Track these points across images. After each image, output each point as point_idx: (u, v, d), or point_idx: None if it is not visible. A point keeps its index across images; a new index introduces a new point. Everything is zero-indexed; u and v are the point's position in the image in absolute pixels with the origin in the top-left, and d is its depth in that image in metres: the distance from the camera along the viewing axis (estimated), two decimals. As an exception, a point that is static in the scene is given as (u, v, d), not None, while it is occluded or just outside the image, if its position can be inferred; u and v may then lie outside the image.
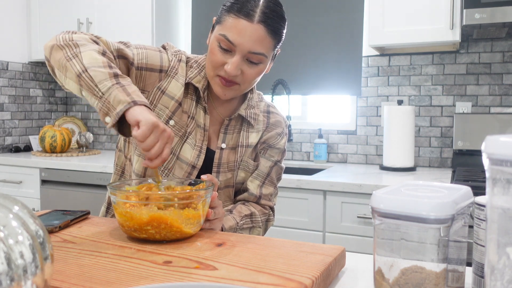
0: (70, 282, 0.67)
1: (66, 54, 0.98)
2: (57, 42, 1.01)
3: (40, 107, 3.38)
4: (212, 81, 1.11)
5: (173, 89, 1.13)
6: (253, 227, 1.21)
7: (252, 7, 1.02)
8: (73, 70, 0.96)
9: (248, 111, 1.21)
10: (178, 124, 1.15)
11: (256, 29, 1.03)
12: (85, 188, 2.57)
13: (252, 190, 1.23)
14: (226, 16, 1.05)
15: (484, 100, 2.44)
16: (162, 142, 0.90)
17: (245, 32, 1.02)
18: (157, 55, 1.14)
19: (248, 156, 1.22)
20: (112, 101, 0.91)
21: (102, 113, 0.93)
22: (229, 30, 1.03)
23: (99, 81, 0.93)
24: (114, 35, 2.87)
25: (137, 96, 0.93)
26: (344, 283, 0.78)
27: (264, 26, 1.03)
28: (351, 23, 2.65)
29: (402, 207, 0.60)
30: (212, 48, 1.07)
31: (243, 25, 1.02)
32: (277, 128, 1.26)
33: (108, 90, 0.92)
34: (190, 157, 1.15)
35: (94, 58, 0.97)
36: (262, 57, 1.07)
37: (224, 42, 1.04)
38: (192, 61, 1.18)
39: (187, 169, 1.15)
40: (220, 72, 1.07)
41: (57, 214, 1.04)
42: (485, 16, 2.00)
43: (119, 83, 0.94)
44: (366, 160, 2.70)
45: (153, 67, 1.12)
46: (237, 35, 1.03)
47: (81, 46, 0.99)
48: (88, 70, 0.95)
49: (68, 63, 0.97)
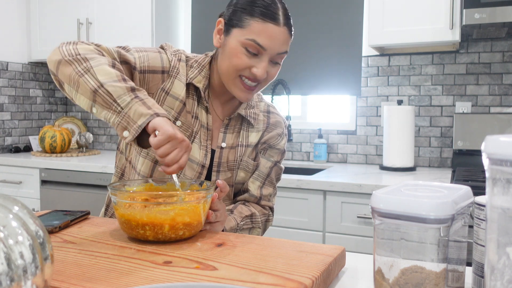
0: (70, 282, 0.67)
1: (77, 70, 0.98)
2: (63, 57, 1.00)
3: (40, 107, 3.38)
4: (232, 84, 1.11)
5: (176, 89, 1.13)
6: (253, 228, 1.21)
7: (276, 10, 1.05)
8: (87, 86, 0.96)
9: (248, 111, 1.21)
10: (185, 124, 1.15)
11: (282, 32, 1.07)
12: (85, 188, 2.57)
13: (252, 191, 1.23)
14: (250, 20, 1.05)
15: (484, 100, 2.44)
16: (180, 150, 0.92)
17: (275, 36, 1.06)
18: (158, 56, 1.13)
19: (248, 156, 1.22)
20: (132, 115, 0.92)
21: (121, 128, 0.93)
22: (258, 35, 1.05)
23: (117, 96, 0.94)
24: (114, 35, 2.87)
25: (158, 109, 0.94)
26: (344, 283, 0.78)
27: (287, 28, 1.08)
28: (351, 23, 2.65)
29: (402, 207, 0.60)
30: (237, 52, 1.07)
31: (272, 29, 1.05)
32: (278, 128, 1.27)
33: (127, 105, 0.93)
34: (199, 156, 1.16)
35: (108, 72, 0.97)
36: (284, 55, 1.12)
37: (253, 47, 1.05)
38: (192, 61, 1.18)
39: (198, 169, 1.16)
40: (244, 73, 1.08)
41: (57, 214, 1.03)
42: (485, 16, 2.00)
43: (137, 97, 0.95)
44: (366, 160, 2.70)
45: (155, 69, 1.12)
46: (268, 39, 1.05)
47: (91, 60, 0.99)
48: (104, 85, 0.95)
49: (81, 79, 0.97)
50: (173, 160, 0.92)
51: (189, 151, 0.94)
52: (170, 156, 0.91)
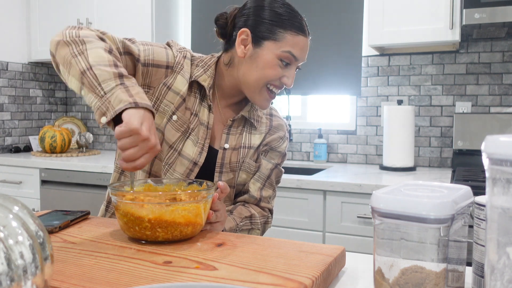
0: (70, 283, 0.67)
1: (72, 51, 0.97)
2: (63, 38, 0.99)
3: (40, 107, 3.38)
4: (258, 93, 1.14)
5: (178, 84, 1.14)
6: (251, 229, 1.22)
7: (302, 22, 1.13)
8: (77, 67, 0.94)
9: (251, 113, 1.23)
10: (181, 119, 1.15)
11: (308, 42, 1.15)
12: (85, 188, 2.57)
13: (253, 192, 1.24)
14: (284, 33, 1.10)
15: (484, 100, 2.44)
16: (140, 150, 0.86)
17: (306, 47, 1.14)
18: (163, 51, 1.14)
19: (250, 157, 1.23)
20: (113, 101, 0.89)
21: (99, 112, 0.90)
22: (293, 47, 1.11)
23: (103, 80, 0.92)
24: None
25: (140, 98, 0.90)
26: (344, 283, 0.78)
27: (310, 37, 1.16)
28: (351, 23, 2.65)
29: (402, 207, 0.60)
30: (273, 64, 1.11)
31: (304, 41, 1.13)
32: (280, 131, 1.29)
33: (111, 90, 0.90)
34: (192, 153, 1.15)
35: (100, 56, 0.95)
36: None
37: (289, 58, 1.11)
38: (198, 60, 1.19)
39: (189, 165, 1.15)
40: (274, 83, 1.13)
41: (57, 214, 1.03)
42: (485, 16, 2.00)
43: (123, 83, 0.92)
44: (366, 160, 2.70)
45: (159, 64, 1.12)
46: (301, 51, 1.12)
47: (88, 43, 0.98)
48: (92, 68, 0.93)
49: (73, 59, 0.95)
50: (130, 157, 0.86)
51: (152, 153, 0.88)
52: (128, 152, 0.86)
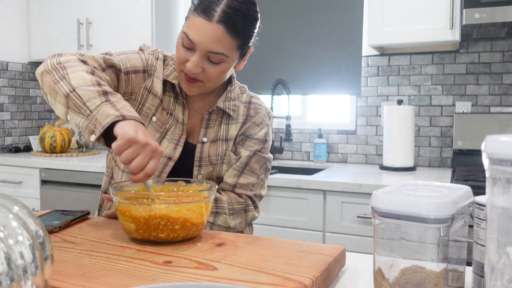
0: (70, 282, 0.67)
1: (54, 78, 0.99)
2: (46, 68, 1.03)
3: (40, 107, 3.38)
4: (179, 77, 1.12)
5: (156, 86, 1.17)
6: (217, 213, 1.17)
7: (214, 7, 1.01)
8: (61, 92, 0.96)
9: (226, 103, 1.20)
10: (160, 120, 1.17)
11: (214, 29, 1.01)
12: (85, 188, 2.57)
13: (226, 179, 1.21)
14: (191, 14, 1.05)
15: (484, 99, 2.44)
16: (144, 156, 0.86)
17: (203, 31, 1.01)
18: (137, 57, 1.17)
19: (231, 150, 1.22)
20: (99, 117, 0.90)
21: (88, 131, 0.91)
22: (190, 29, 1.03)
23: (87, 99, 0.93)
24: (114, 35, 2.87)
25: (127, 111, 0.91)
26: (344, 283, 0.78)
27: (223, 26, 1.01)
28: (351, 23, 2.65)
29: (402, 207, 0.60)
30: (177, 44, 1.08)
31: (202, 24, 1.01)
32: (256, 117, 1.23)
33: (96, 108, 0.91)
34: (166, 149, 1.16)
35: (82, 77, 0.97)
36: (222, 57, 1.05)
37: (186, 40, 1.04)
38: (169, 59, 1.20)
39: (163, 160, 1.16)
40: (184, 69, 1.08)
41: (57, 214, 1.03)
42: (485, 16, 2.00)
43: (108, 100, 0.93)
44: (366, 160, 2.70)
45: (137, 69, 1.16)
46: (196, 34, 1.02)
47: (69, 67, 1.00)
48: (76, 89, 0.95)
49: (56, 86, 0.98)
50: (138, 167, 0.86)
51: (157, 157, 0.88)
52: (133, 162, 0.86)
